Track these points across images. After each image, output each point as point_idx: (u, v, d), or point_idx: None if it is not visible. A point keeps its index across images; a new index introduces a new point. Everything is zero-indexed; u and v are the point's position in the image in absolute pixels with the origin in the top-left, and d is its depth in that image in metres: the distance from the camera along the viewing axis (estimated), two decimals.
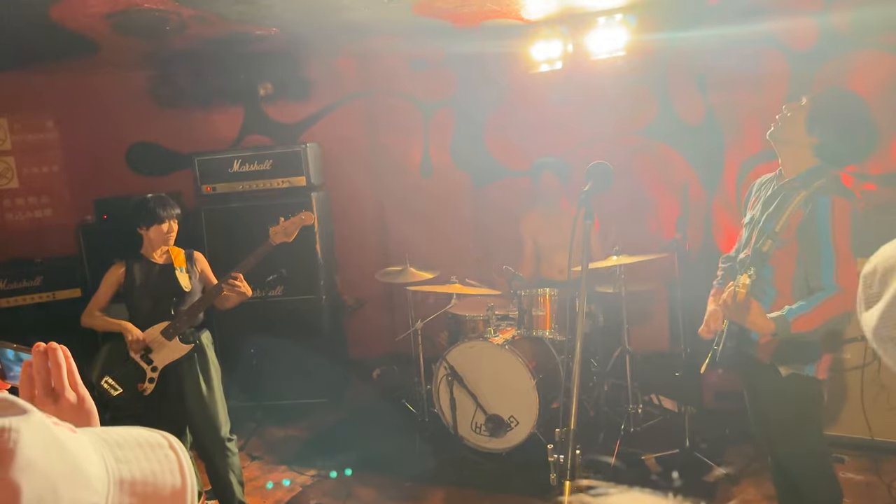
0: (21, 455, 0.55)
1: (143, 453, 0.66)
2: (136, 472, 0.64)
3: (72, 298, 5.05)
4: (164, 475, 0.65)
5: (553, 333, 4.07)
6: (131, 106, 5.59)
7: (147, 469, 0.65)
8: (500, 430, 4.01)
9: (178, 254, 3.54)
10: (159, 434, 0.70)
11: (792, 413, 2.43)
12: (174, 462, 0.67)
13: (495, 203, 5.54)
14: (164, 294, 3.45)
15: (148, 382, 3.39)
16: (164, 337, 3.40)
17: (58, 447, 0.59)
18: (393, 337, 5.39)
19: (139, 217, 3.43)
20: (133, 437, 0.68)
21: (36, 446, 0.56)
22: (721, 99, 4.77)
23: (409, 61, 5.63)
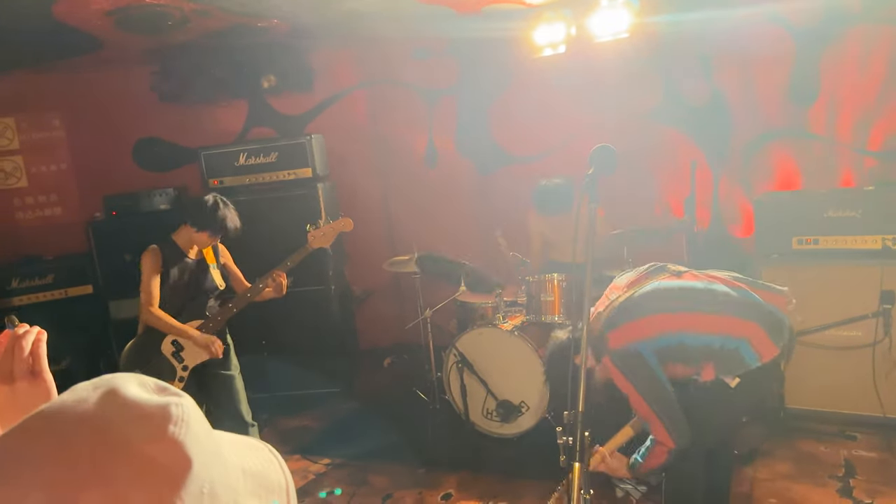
0: (192, 427, 0.60)
1: (252, 452, 0.72)
2: (253, 465, 0.69)
3: (84, 295, 5.10)
4: (272, 473, 0.71)
5: (562, 318, 4.07)
6: (136, 102, 5.61)
7: (259, 465, 0.70)
8: (511, 416, 4.03)
9: (209, 249, 3.50)
10: (256, 440, 0.76)
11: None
12: (276, 463, 0.73)
13: (501, 190, 5.53)
14: (198, 291, 3.42)
15: (178, 381, 3.40)
16: None
17: (208, 427, 0.65)
18: (402, 326, 5.40)
19: (202, 219, 3.30)
20: (239, 439, 0.74)
21: (198, 423, 0.62)
22: (726, 79, 4.74)
23: (412, 49, 5.61)
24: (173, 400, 0.62)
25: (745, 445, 3.73)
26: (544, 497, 3.47)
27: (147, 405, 0.60)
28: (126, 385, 0.62)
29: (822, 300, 3.69)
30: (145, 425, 0.58)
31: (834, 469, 3.39)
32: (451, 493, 3.64)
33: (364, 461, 4.09)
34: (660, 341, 2.45)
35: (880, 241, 3.62)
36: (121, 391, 0.61)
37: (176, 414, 0.60)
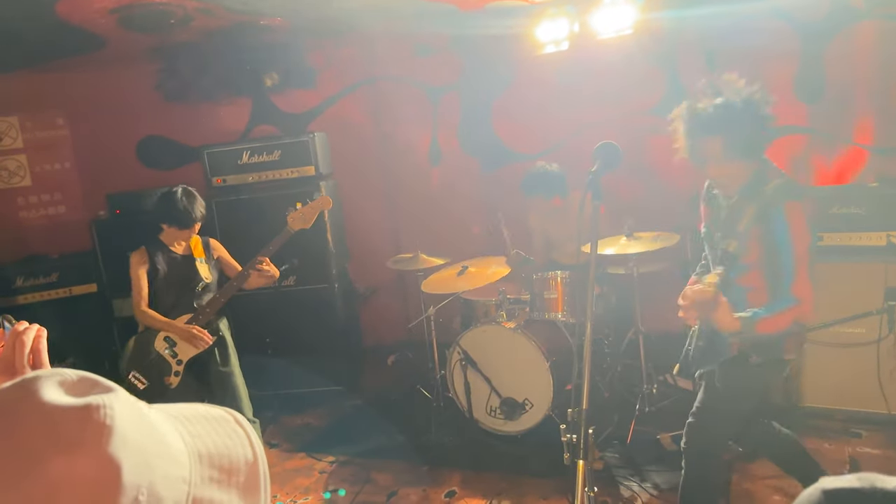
0: (117, 430, 0.54)
1: (213, 427, 0.66)
2: (211, 446, 0.64)
3: (88, 293, 5.12)
4: (236, 448, 0.65)
5: (565, 316, 4.07)
6: (140, 100, 5.62)
7: (220, 442, 0.65)
8: (514, 413, 4.03)
9: (196, 243, 3.56)
10: (221, 409, 0.70)
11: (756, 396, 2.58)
12: (242, 435, 0.67)
13: (505, 187, 5.52)
14: (185, 286, 3.48)
15: (174, 376, 3.43)
16: None
17: (146, 423, 0.59)
18: (406, 323, 5.41)
19: (166, 215, 3.42)
20: (200, 412, 0.68)
21: (128, 422, 0.56)
22: (731, 74, 4.70)
23: (414, 46, 5.60)
24: (94, 400, 0.55)
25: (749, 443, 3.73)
26: (548, 494, 3.48)
27: (62, 409, 0.54)
28: (42, 386, 0.56)
29: (826, 297, 3.65)
30: (60, 434, 0.52)
31: (839, 466, 3.37)
32: (454, 491, 3.64)
33: (368, 459, 4.09)
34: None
35: (885, 238, 3.61)
36: (35, 395, 0.55)
37: (98, 417, 0.54)
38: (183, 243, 3.53)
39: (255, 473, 0.65)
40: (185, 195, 3.42)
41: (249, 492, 0.64)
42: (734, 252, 2.34)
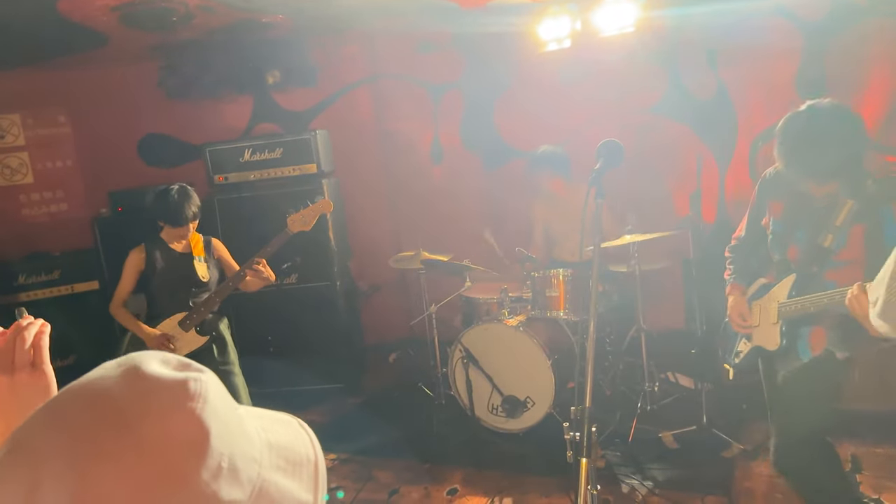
0: (210, 401, 0.62)
1: (281, 427, 0.73)
2: (280, 439, 0.70)
3: (90, 291, 5.12)
4: (300, 446, 0.72)
5: (567, 314, 4.07)
6: (142, 98, 5.62)
7: (286, 439, 0.71)
8: (516, 411, 4.03)
9: (197, 242, 3.54)
10: (287, 414, 0.78)
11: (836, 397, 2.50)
12: (305, 437, 0.74)
13: (507, 185, 5.52)
14: (182, 284, 3.47)
15: None
16: (182, 328, 3.43)
17: (230, 402, 0.67)
18: (408, 321, 5.41)
19: (160, 212, 3.41)
20: (267, 413, 0.75)
21: (218, 398, 0.64)
22: (732, 73, 4.71)
23: (416, 44, 5.59)
24: (192, 375, 0.63)
25: (752, 441, 3.73)
26: (550, 492, 3.48)
27: (165, 380, 0.62)
28: (147, 362, 0.64)
29: None
30: (162, 399, 0.60)
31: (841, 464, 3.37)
32: (456, 489, 3.65)
33: (370, 456, 4.10)
34: None
35: None
36: (141, 368, 0.62)
37: (194, 388, 0.62)
38: (183, 241, 3.52)
39: (314, 472, 0.71)
40: (178, 194, 3.38)
41: (309, 486, 0.70)
42: (829, 247, 2.29)
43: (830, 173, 2.21)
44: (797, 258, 2.43)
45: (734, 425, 3.91)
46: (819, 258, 2.33)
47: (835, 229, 2.29)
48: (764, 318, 2.59)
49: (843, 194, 2.29)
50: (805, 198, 2.40)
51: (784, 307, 2.46)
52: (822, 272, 2.35)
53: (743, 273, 2.73)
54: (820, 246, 2.32)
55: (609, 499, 3.36)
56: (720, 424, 3.88)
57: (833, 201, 2.31)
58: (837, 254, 2.30)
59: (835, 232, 2.29)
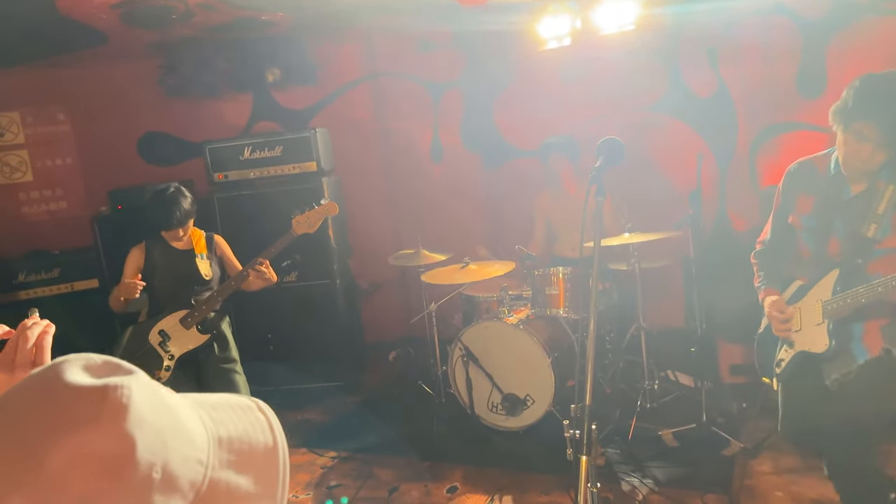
0: (134, 409, 0.57)
1: (236, 414, 0.70)
2: (232, 431, 0.67)
3: (90, 289, 5.12)
4: (256, 434, 0.69)
5: (567, 312, 4.07)
6: (141, 96, 5.62)
7: (241, 428, 0.68)
8: (516, 409, 4.04)
9: (199, 239, 3.54)
10: (248, 398, 0.75)
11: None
12: (264, 422, 0.71)
13: (507, 184, 5.52)
14: (183, 281, 3.47)
15: (164, 370, 3.43)
16: (183, 326, 3.43)
17: (164, 404, 0.62)
18: (408, 319, 5.41)
19: (152, 216, 3.40)
20: (224, 400, 0.72)
21: (145, 402, 0.59)
22: (733, 71, 4.70)
23: (416, 42, 5.59)
24: (115, 381, 0.59)
25: (752, 439, 3.74)
26: (550, 490, 3.48)
27: (84, 390, 0.57)
28: (68, 369, 0.60)
29: None
30: (79, 413, 0.56)
31: None
32: (456, 487, 3.65)
33: (370, 454, 4.10)
34: None
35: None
36: (61, 377, 0.59)
37: (115, 397, 0.57)
38: (184, 238, 3.51)
39: (273, 458, 0.69)
40: (169, 196, 3.35)
41: (266, 475, 0.67)
42: (873, 237, 2.21)
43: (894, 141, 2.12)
44: (840, 251, 2.33)
45: (734, 423, 3.92)
46: (863, 249, 2.24)
47: (878, 217, 2.21)
48: (807, 321, 2.44)
49: (883, 176, 2.22)
50: (840, 187, 2.33)
51: (830, 304, 2.34)
52: (866, 264, 2.26)
53: (774, 277, 2.61)
54: (863, 236, 2.23)
55: (609, 497, 3.36)
56: (720, 422, 3.88)
57: (872, 187, 2.25)
58: (882, 242, 2.22)
59: (878, 220, 2.21)
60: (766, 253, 2.68)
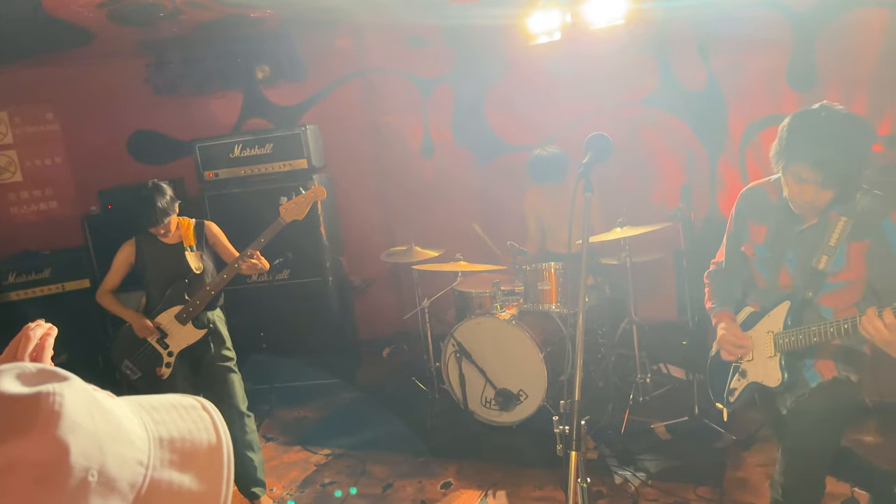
0: (67, 416, 0.58)
1: (178, 414, 0.70)
2: (174, 431, 0.68)
3: (81, 289, 5.10)
4: (199, 433, 0.70)
5: (559, 307, 4.08)
6: (130, 95, 5.59)
7: (183, 428, 0.69)
8: (509, 404, 4.04)
9: (187, 230, 3.49)
10: (192, 397, 0.75)
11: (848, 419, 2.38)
12: (208, 421, 0.72)
13: (499, 179, 5.52)
14: (174, 276, 3.44)
15: (165, 367, 3.42)
16: (178, 321, 3.41)
17: (100, 408, 0.63)
18: (401, 316, 5.41)
19: (135, 216, 3.36)
20: (167, 401, 0.72)
21: (80, 408, 0.60)
22: (723, 65, 4.72)
23: (406, 38, 5.58)
24: (47, 388, 0.60)
25: (744, 431, 3.76)
26: (543, 484, 3.50)
27: (15, 399, 0.58)
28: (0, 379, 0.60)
29: None
30: (11, 419, 0.57)
31: None
32: (450, 482, 3.66)
33: (364, 451, 4.11)
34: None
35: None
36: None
37: (48, 404, 0.58)
38: (170, 233, 3.47)
39: (217, 456, 0.69)
40: (145, 195, 3.31)
41: (210, 473, 0.68)
42: (824, 269, 2.15)
43: (836, 179, 2.03)
44: (790, 283, 2.28)
45: None
46: (815, 281, 2.18)
47: (829, 249, 2.14)
48: (759, 352, 2.38)
49: (834, 209, 2.14)
50: (791, 217, 2.26)
51: (781, 338, 2.27)
52: (818, 296, 2.21)
53: (726, 301, 2.55)
54: (814, 268, 2.17)
55: (602, 490, 3.38)
56: (712, 415, 3.90)
57: (824, 220, 2.18)
58: (835, 275, 2.16)
59: (829, 252, 2.14)
60: (720, 275, 2.62)
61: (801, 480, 2.32)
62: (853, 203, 2.13)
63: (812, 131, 2.04)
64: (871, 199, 2.12)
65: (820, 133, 2.02)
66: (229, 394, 3.48)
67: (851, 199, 2.13)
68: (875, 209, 2.10)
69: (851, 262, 2.14)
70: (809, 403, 2.27)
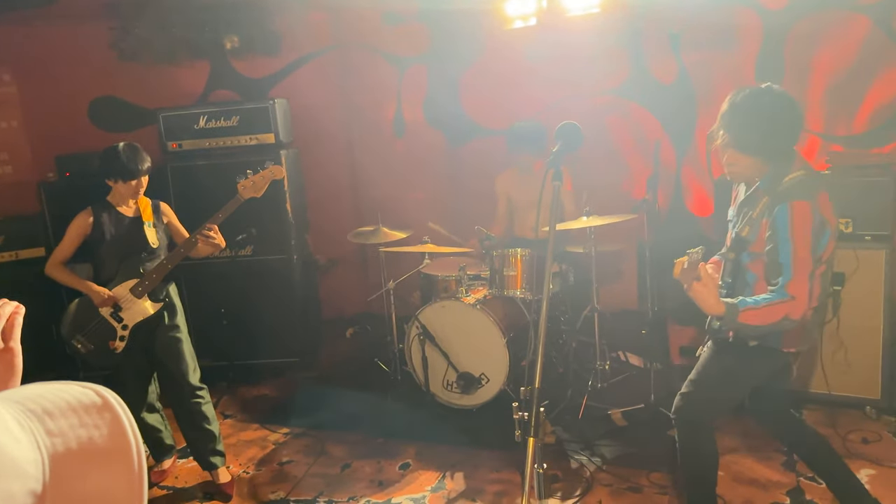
0: None
1: (78, 419, 0.62)
2: (72, 443, 0.60)
3: (35, 257, 4.94)
4: (102, 439, 0.62)
5: (524, 293, 4.11)
6: (93, 59, 5.39)
7: (83, 436, 0.60)
8: (471, 388, 4.07)
9: (146, 206, 3.46)
10: (93, 391, 0.65)
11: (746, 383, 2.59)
12: (111, 423, 0.63)
13: (469, 162, 5.51)
14: (131, 249, 3.38)
15: (119, 340, 3.36)
16: (134, 295, 3.35)
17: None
18: (365, 296, 5.39)
19: (109, 169, 3.31)
20: (64, 401, 0.62)
21: None
22: (694, 58, 4.75)
23: (382, 14, 5.49)
24: None
25: None
26: (500, 467, 3.54)
27: None
28: None
29: None
30: None
31: (779, 444, 3.51)
32: (409, 463, 3.68)
33: (323, 431, 4.10)
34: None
35: None
36: None
37: None
38: (132, 205, 3.42)
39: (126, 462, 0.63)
40: (126, 148, 3.32)
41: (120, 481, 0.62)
42: (746, 237, 2.39)
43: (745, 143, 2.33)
44: (730, 244, 2.53)
45: None
46: (736, 246, 2.43)
47: (751, 221, 2.37)
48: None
49: (762, 186, 2.39)
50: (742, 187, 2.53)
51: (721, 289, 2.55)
52: (742, 261, 2.44)
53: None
54: (739, 235, 2.42)
55: (558, 474, 3.43)
56: (667, 403, 3.97)
57: (755, 194, 2.42)
58: (753, 244, 2.38)
59: (751, 224, 2.37)
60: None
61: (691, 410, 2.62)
62: (778, 185, 2.33)
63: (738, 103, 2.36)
64: (789, 185, 2.31)
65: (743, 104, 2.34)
66: (180, 366, 3.44)
67: (778, 181, 2.32)
68: (784, 194, 2.29)
69: (760, 235, 2.36)
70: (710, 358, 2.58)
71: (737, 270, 2.46)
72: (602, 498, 3.21)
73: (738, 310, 2.23)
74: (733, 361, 2.51)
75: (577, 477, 3.41)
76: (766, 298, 2.25)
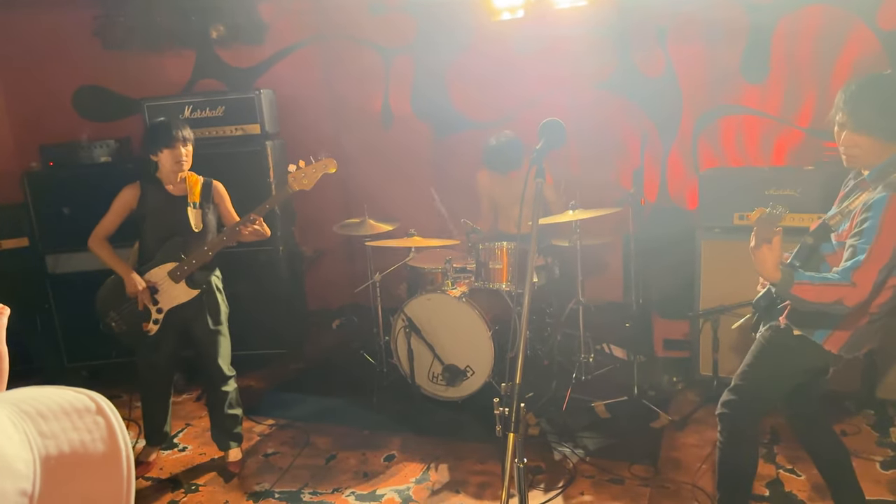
0: None
1: (71, 422, 0.64)
2: (65, 445, 0.61)
3: (19, 248, 4.90)
4: (94, 443, 0.63)
5: (510, 286, 4.12)
6: (77, 47, 5.33)
7: (76, 439, 0.62)
8: (456, 380, 4.09)
9: (195, 185, 3.38)
10: (86, 396, 0.67)
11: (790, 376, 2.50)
12: (104, 428, 0.65)
13: (456, 154, 5.50)
14: (173, 230, 3.33)
15: (153, 323, 3.33)
16: (171, 279, 3.31)
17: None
18: (352, 288, 5.38)
19: (151, 140, 3.25)
20: (58, 404, 0.64)
21: None
22: (681, 52, 4.77)
23: (368, 4, 5.46)
24: None
25: (680, 412, 3.89)
26: (485, 459, 3.56)
27: None
28: None
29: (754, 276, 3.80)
30: None
31: (759, 436, 3.55)
32: (394, 455, 3.70)
33: (308, 422, 4.11)
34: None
35: (816, 220, 3.74)
36: None
37: None
38: (180, 182, 3.34)
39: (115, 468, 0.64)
40: (166, 118, 3.31)
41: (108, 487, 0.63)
42: (833, 225, 2.29)
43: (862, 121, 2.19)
44: (813, 228, 2.41)
45: (664, 396, 4.07)
46: (820, 233, 2.32)
47: (845, 211, 2.27)
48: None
49: (868, 178, 2.26)
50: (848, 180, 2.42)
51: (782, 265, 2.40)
52: (819, 249, 2.34)
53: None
54: (826, 222, 2.32)
55: (541, 465, 3.46)
56: (650, 396, 4.03)
57: (861, 185, 2.30)
58: (839, 233, 2.27)
59: (844, 213, 2.26)
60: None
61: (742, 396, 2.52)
62: (888, 176, 2.19)
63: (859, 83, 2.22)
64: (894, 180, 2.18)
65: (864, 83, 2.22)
66: (215, 357, 3.47)
67: (888, 176, 2.19)
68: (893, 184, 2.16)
69: (850, 226, 2.23)
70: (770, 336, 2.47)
71: (810, 256, 2.35)
72: (584, 489, 3.25)
73: (793, 280, 2.15)
74: (779, 353, 2.44)
75: (560, 468, 3.44)
76: (826, 277, 2.16)
